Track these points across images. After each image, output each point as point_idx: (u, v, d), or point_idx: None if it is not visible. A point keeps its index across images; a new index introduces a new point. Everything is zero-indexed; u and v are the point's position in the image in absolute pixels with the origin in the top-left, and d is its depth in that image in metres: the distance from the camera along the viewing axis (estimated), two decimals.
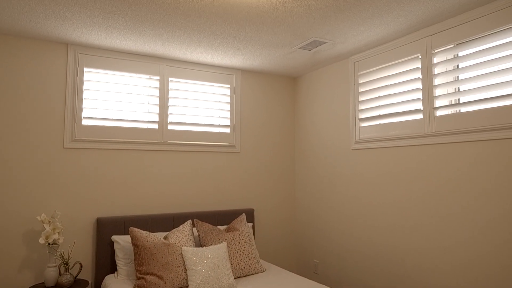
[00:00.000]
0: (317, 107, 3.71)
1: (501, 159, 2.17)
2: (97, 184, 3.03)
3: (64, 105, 2.95)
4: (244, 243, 2.95)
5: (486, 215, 2.24)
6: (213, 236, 2.89)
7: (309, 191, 3.79)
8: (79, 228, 2.95)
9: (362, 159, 3.15)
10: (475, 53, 2.32)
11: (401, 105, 2.80)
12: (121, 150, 3.14)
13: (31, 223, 2.79)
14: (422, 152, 2.64)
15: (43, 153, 2.86)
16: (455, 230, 2.41)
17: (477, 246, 2.28)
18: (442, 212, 2.49)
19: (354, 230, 3.21)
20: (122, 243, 2.86)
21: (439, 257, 2.49)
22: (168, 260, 2.61)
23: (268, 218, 3.82)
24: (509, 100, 2.15)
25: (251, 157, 3.76)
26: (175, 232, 2.83)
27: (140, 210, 3.19)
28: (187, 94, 3.46)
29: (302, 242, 3.86)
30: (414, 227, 2.68)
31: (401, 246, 2.78)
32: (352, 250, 3.23)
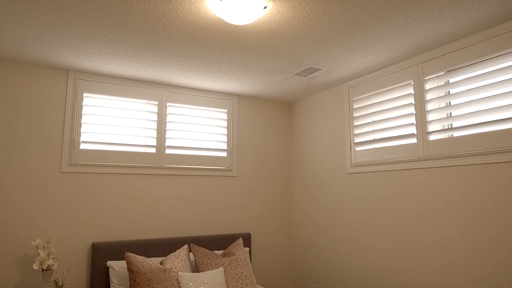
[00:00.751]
0: (313, 131, 3.76)
1: (494, 183, 2.21)
2: (93, 208, 3.02)
3: (62, 130, 2.98)
4: (241, 268, 2.92)
5: (481, 238, 2.26)
6: (210, 261, 2.87)
7: (306, 215, 3.79)
8: (74, 253, 2.91)
9: (358, 182, 3.17)
10: (465, 80, 2.40)
11: (395, 129, 2.85)
12: (118, 174, 3.15)
13: (26, 248, 2.76)
14: (416, 176, 2.67)
15: (40, 177, 2.86)
16: (451, 253, 2.41)
17: (474, 269, 2.28)
18: (438, 235, 2.50)
19: (352, 253, 3.20)
20: (117, 268, 2.83)
21: (437, 280, 2.48)
22: (164, 286, 2.58)
23: (265, 242, 3.80)
24: (501, 125, 2.21)
25: (248, 181, 3.78)
26: (171, 257, 2.81)
27: (136, 235, 3.17)
28: (185, 119, 3.51)
29: (300, 267, 3.82)
30: (411, 250, 2.68)
31: (399, 269, 2.76)
32: (350, 274, 3.20)
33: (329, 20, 2.20)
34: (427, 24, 2.24)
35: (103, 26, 2.29)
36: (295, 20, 2.20)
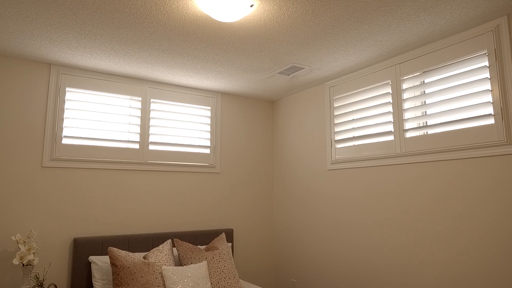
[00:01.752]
0: (294, 129, 3.85)
1: (467, 177, 2.35)
2: (75, 203, 3.00)
3: (44, 124, 2.95)
4: (224, 262, 2.97)
5: (456, 231, 2.39)
6: (193, 255, 2.90)
7: (287, 211, 3.87)
8: (55, 248, 2.89)
9: (338, 179, 3.28)
10: (439, 80, 2.54)
11: (374, 127, 2.97)
12: (100, 170, 3.14)
13: (4, 244, 2.72)
14: (394, 171, 2.80)
15: (21, 172, 2.82)
16: (429, 248, 2.54)
17: (452, 263, 2.41)
18: (415, 230, 2.62)
19: (331, 249, 3.30)
20: (99, 263, 2.82)
21: (415, 274, 2.61)
22: (147, 279, 2.59)
23: (247, 238, 3.86)
24: (471, 123, 2.35)
25: (230, 178, 3.83)
26: (154, 251, 2.83)
27: (119, 230, 3.16)
28: (169, 115, 3.53)
29: (281, 262, 3.90)
30: (389, 245, 2.80)
31: (377, 264, 2.88)
32: (329, 269, 3.30)
33: (312, 20, 2.29)
34: (404, 26, 2.36)
35: (89, 20, 2.29)
36: (280, 19, 2.28)
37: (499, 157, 2.20)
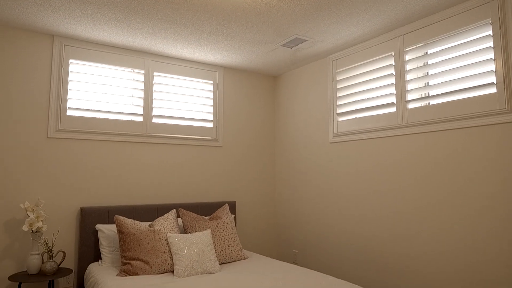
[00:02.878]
0: (297, 103, 3.87)
1: (469, 146, 2.39)
2: (81, 174, 3.05)
3: (48, 96, 2.97)
4: (227, 231, 3.04)
5: (459, 200, 2.45)
6: (198, 224, 2.97)
7: (289, 183, 3.93)
8: (62, 217, 2.95)
9: (340, 151, 3.32)
10: (442, 51, 2.55)
11: (376, 99, 2.99)
12: (105, 142, 3.18)
13: (13, 212, 2.78)
14: (396, 143, 2.83)
15: (27, 142, 2.86)
16: (432, 218, 2.60)
17: (455, 232, 2.48)
18: (418, 200, 2.68)
19: (333, 220, 3.37)
20: (106, 231, 2.89)
21: (417, 246, 2.68)
22: (153, 246, 2.67)
23: (249, 210, 3.93)
24: (472, 93, 2.38)
25: (233, 151, 3.87)
26: (160, 220, 2.89)
27: (124, 201, 3.23)
28: (172, 89, 3.54)
29: (282, 234, 3.98)
30: (391, 216, 2.86)
31: (379, 235, 2.95)
32: (330, 240, 3.38)
33: None
34: None
35: None
36: None
37: (501, 125, 2.23)
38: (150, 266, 2.58)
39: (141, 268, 2.56)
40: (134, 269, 2.54)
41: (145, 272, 2.55)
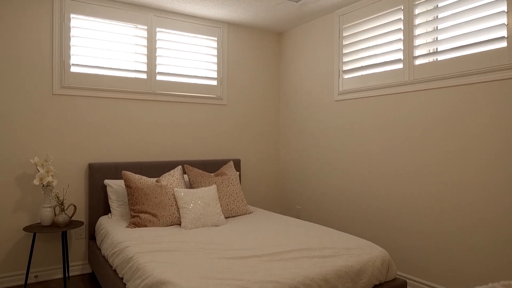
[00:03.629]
0: (302, 61, 3.82)
1: (477, 102, 2.37)
2: (88, 131, 3.09)
3: (51, 52, 2.94)
4: (232, 187, 3.11)
5: (467, 158, 2.47)
6: (203, 180, 3.04)
7: (293, 141, 3.96)
8: (71, 172, 3.02)
9: (345, 109, 3.31)
10: (453, 4, 2.46)
11: (383, 56, 2.94)
12: (110, 99, 3.18)
13: (24, 167, 2.85)
14: (402, 100, 2.82)
15: (33, 99, 2.87)
16: (436, 176, 2.63)
17: (461, 188, 2.52)
18: (423, 158, 2.71)
19: (336, 178, 3.42)
20: (114, 186, 2.97)
21: (420, 203, 2.73)
22: (161, 199, 2.75)
23: (254, 167, 4.00)
24: (482, 47, 2.33)
25: (237, 109, 3.88)
26: (166, 176, 2.96)
27: (131, 157, 3.29)
28: (175, 45, 3.49)
29: (286, 190, 4.07)
30: (396, 173, 2.90)
31: (382, 193, 3.01)
32: (333, 197, 3.45)
33: None
34: None
35: None
36: None
37: (510, 80, 2.20)
38: (158, 218, 2.67)
39: (149, 220, 2.65)
40: (142, 222, 2.64)
41: (153, 224, 2.65)
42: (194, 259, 1.94)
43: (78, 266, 3.05)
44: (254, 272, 1.76)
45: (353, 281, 1.92)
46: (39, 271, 2.89)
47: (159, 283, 1.66)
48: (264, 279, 1.70)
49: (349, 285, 1.90)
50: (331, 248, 2.11)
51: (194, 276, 1.70)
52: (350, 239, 2.27)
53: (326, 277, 1.82)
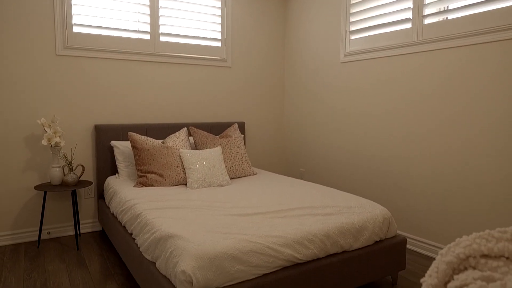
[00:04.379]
0: (308, 21, 3.72)
1: (488, 62, 2.33)
2: (92, 92, 3.09)
3: (53, 11, 2.89)
4: (237, 148, 3.15)
5: (475, 119, 2.46)
6: (208, 141, 3.07)
7: (297, 104, 3.95)
8: (78, 134, 3.06)
9: (351, 71, 3.27)
10: None
11: (392, 15, 2.86)
12: (114, 60, 3.16)
13: (31, 128, 2.89)
14: (410, 60, 2.77)
15: (37, 60, 2.86)
16: (445, 137, 2.63)
17: (467, 152, 2.53)
18: (431, 119, 2.70)
19: (341, 140, 3.44)
20: (121, 147, 3.01)
21: (424, 164, 2.75)
22: (167, 160, 2.79)
23: (258, 130, 4.02)
24: (496, 4, 2.25)
25: (242, 72, 3.84)
26: (171, 137, 2.99)
27: (136, 119, 3.31)
28: (179, 5, 3.40)
29: (290, 153, 4.11)
30: (401, 135, 2.90)
31: (386, 154, 3.03)
32: (338, 159, 3.49)
33: None
34: None
35: None
36: None
37: None
38: (165, 178, 2.73)
39: (156, 180, 2.71)
40: (149, 181, 2.70)
41: (160, 184, 2.71)
42: (200, 215, 2.00)
43: (88, 224, 3.16)
44: (259, 228, 1.82)
45: (354, 237, 1.98)
46: (51, 228, 3.00)
47: (167, 236, 1.73)
48: (268, 234, 1.76)
49: (350, 241, 1.96)
50: (334, 207, 2.17)
51: (200, 230, 1.77)
52: (352, 199, 2.32)
53: (328, 233, 1.88)
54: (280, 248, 1.72)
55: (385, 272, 2.12)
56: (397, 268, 2.17)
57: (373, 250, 2.04)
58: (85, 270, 2.42)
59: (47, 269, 2.44)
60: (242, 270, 1.61)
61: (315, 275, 1.81)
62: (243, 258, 1.62)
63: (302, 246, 1.79)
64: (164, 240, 1.73)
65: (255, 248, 1.66)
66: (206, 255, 1.55)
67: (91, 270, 2.42)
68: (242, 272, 1.62)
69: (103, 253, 2.71)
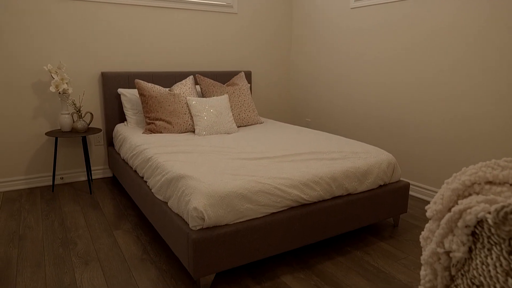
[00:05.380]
0: None
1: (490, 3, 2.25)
2: (98, 39, 3.04)
3: None
4: (244, 97, 3.15)
5: (478, 63, 2.41)
6: (215, 89, 3.06)
7: (304, 52, 3.88)
8: (85, 81, 3.06)
9: (361, 17, 3.17)
10: None
11: None
12: (120, 5, 3.07)
13: (39, 75, 2.88)
14: (422, 3, 2.67)
15: (43, 5, 2.79)
16: (451, 84, 2.61)
17: (473, 100, 2.51)
18: (434, 64, 2.66)
19: (349, 89, 3.42)
20: (128, 95, 3.02)
21: (434, 112, 2.75)
22: (174, 108, 2.81)
23: (265, 80, 3.98)
24: None
25: (248, 18, 3.73)
26: (178, 85, 2.98)
27: (143, 67, 3.28)
28: None
29: (296, 103, 4.11)
30: (411, 82, 2.88)
31: (393, 101, 3.01)
32: (344, 108, 3.48)
33: None
34: None
35: None
36: None
37: None
38: (173, 125, 2.77)
39: (164, 127, 2.75)
40: (158, 128, 2.74)
41: (168, 131, 2.75)
42: (209, 159, 2.06)
43: (99, 171, 3.25)
44: (267, 170, 1.88)
45: (359, 180, 2.04)
46: (64, 174, 3.10)
47: (178, 177, 1.79)
48: (276, 175, 1.81)
49: (355, 184, 2.02)
50: (340, 152, 2.21)
51: (210, 172, 1.82)
52: (358, 145, 2.36)
53: (334, 176, 1.94)
54: (287, 189, 1.78)
55: (388, 215, 2.20)
56: (399, 211, 2.25)
57: (377, 193, 2.10)
58: (99, 211, 2.54)
59: (63, 210, 2.55)
60: (251, 209, 1.69)
61: (320, 215, 1.89)
62: (252, 198, 1.68)
63: (309, 188, 1.85)
64: (176, 181, 1.79)
65: (263, 189, 1.72)
66: (217, 194, 1.61)
67: (105, 211, 2.54)
68: (251, 210, 1.69)
69: (115, 197, 2.81)
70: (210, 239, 1.56)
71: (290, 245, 1.82)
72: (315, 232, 1.89)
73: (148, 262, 1.90)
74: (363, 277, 1.79)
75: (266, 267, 1.87)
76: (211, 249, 1.57)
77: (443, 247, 0.81)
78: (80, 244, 2.08)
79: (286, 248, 1.81)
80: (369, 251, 2.04)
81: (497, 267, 0.68)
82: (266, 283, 1.73)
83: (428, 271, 0.86)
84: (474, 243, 0.75)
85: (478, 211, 0.72)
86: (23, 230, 2.24)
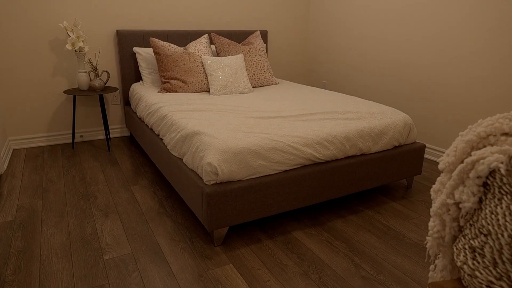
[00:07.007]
0: None
1: None
2: None
3: None
4: (259, 57, 3.10)
5: (485, 25, 2.29)
6: (230, 48, 3.02)
7: (323, 11, 3.74)
8: (100, 39, 3.05)
9: None
10: None
11: None
12: None
13: (55, 32, 2.89)
14: None
15: None
16: (458, 46, 2.49)
17: (489, 59, 2.40)
18: (452, 24, 2.53)
19: (366, 49, 3.31)
20: (143, 54, 3.01)
21: (450, 72, 2.65)
22: (189, 67, 2.80)
23: (281, 39, 3.89)
24: None
25: None
26: (193, 43, 2.95)
27: (157, 26, 3.24)
28: None
29: (313, 64, 4.02)
30: (421, 42, 2.76)
31: (407, 63, 2.92)
32: (361, 70, 3.40)
33: None
34: None
35: None
36: None
37: None
38: (188, 85, 2.77)
39: (180, 86, 2.75)
40: (173, 87, 2.74)
41: (183, 90, 2.76)
42: (223, 117, 2.06)
43: (117, 129, 3.31)
44: (280, 129, 1.88)
45: (373, 140, 2.02)
46: (83, 132, 3.18)
47: (193, 133, 1.82)
48: (290, 134, 1.82)
49: (369, 144, 2.01)
50: (355, 112, 2.18)
51: (224, 129, 1.84)
52: (374, 106, 2.32)
53: (348, 135, 1.93)
54: (300, 147, 1.78)
55: (401, 176, 2.20)
56: (413, 173, 2.24)
57: (391, 154, 2.09)
58: (117, 168, 2.62)
59: (84, 166, 2.64)
60: (264, 165, 1.71)
61: (333, 174, 1.90)
62: (265, 155, 1.70)
63: (322, 147, 1.85)
64: (191, 137, 1.82)
65: (276, 146, 1.73)
66: (230, 150, 1.64)
67: (123, 168, 2.61)
68: (264, 167, 1.71)
69: (133, 154, 2.89)
70: (224, 193, 1.60)
71: (302, 202, 1.85)
72: (327, 190, 1.91)
73: (164, 216, 1.97)
74: (373, 235, 1.82)
75: (278, 223, 1.92)
76: (224, 203, 1.62)
77: (453, 198, 0.81)
78: (100, 198, 2.17)
79: (298, 205, 1.84)
80: (381, 210, 2.06)
81: (506, 215, 0.68)
82: (278, 237, 1.79)
83: (436, 222, 0.87)
84: (484, 194, 0.75)
85: (491, 161, 0.71)
86: (46, 184, 2.35)
